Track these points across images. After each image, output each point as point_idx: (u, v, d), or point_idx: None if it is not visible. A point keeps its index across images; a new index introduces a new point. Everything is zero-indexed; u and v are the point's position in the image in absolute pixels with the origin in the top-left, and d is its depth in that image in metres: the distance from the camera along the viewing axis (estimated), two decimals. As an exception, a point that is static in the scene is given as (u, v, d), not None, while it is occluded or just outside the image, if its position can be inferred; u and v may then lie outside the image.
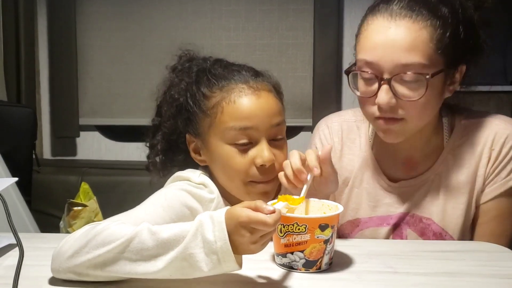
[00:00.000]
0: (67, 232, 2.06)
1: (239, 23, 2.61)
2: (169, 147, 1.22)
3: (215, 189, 1.14)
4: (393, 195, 1.26)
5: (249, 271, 0.96)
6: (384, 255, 1.08)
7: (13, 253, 1.08)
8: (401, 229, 1.25)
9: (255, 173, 1.10)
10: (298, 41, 2.60)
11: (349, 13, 2.52)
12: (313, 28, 2.53)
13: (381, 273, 0.99)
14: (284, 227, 0.96)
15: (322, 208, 1.05)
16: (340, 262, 1.03)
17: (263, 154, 1.09)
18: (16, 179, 1.24)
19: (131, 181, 2.34)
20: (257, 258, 0.90)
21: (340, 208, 1.01)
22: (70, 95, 2.60)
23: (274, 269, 0.99)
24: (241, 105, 1.10)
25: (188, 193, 1.11)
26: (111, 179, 2.44)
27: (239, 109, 1.10)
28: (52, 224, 2.24)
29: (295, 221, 0.95)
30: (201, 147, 1.16)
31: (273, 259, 1.02)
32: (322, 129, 1.34)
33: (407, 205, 1.24)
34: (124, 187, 2.38)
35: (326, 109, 2.34)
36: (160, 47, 2.59)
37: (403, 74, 1.07)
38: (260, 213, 0.84)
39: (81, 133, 2.68)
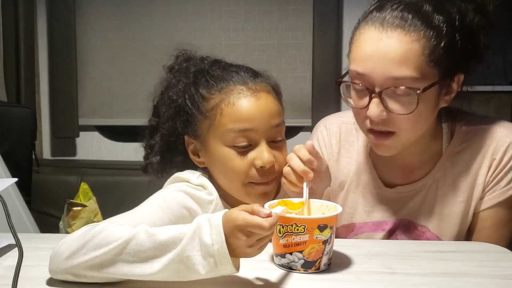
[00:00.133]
0: (67, 232, 2.05)
1: (238, 23, 2.61)
2: (168, 149, 1.21)
3: (214, 191, 1.13)
4: (389, 200, 1.24)
5: (248, 272, 0.96)
6: (383, 256, 1.08)
7: (12, 253, 1.08)
8: (396, 236, 1.24)
9: (255, 174, 1.10)
10: (297, 41, 2.60)
11: (349, 13, 2.51)
12: (313, 28, 2.53)
13: (380, 273, 0.99)
14: (283, 227, 0.96)
15: (321, 208, 1.05)
16: (339, 262, 1.03)
17: (263, 156, 1.09)
18: (15, 179, 1.24)
19: (131, 182, 2.33)
20: (256, 258, 0.90)
21: (339, 208, 1.01)
22: (69, 95, 2.60)
23: (273, 269, 0.99)
24: (240, 107, 1.09)
25: (187, 195, 1.11)
26: (111, 179, 2.44)
27: (238, 111, 1.09)
28: (51, 224, 2.24)
29: (294, 222, 0.95)
30: (200, 149, 1.16)
31: (272, 260, 1.02)
32: (320, 130, 1.33)
33: (403, 211, 1.23)
34: (123, 187, 2.37)
35: (325, 109, 2.34)
36: (159, 47, 2.59)
37: (394, 88, 1.04)
38: (256, 217, 0.84)
39: (81, 133, 2.68)
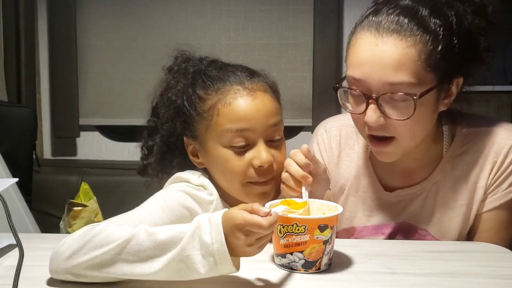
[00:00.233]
0: (67, 232, 2.06)
1: (239, 23, 2.60)
2: (168, 149, 1.21)
3: (214, 191, 1.13)
4: (389, 204, 1.24)
5: (248, 272, 0.96)
6: (383, 256, 1.08)
7: (13, 253, 1.08)
8: (396, 239, 1.24)
9: (253, 174, 1.09)
10: (298, 41, 2.59)
11: (349, 13, 2.51)
12: (313, 28, 2.52)
13: (380, 273, 0.99)
14: (283, 227, 0.96)
15: (321, 208, 1.05)
16: (339, 262, 1.03)
17: (261, 155, 1.08)
18: (16, 179, 1.24)
19: (131, 181, 2.32)
20: (256, 258, 0.90)
21: (339, 208, 1.01)
22: (70, 95, 2.60)
23: (273, 269, 1.00)
24: (236, 107, 1.09)
25: (187, 195, 1.11)
26: (111, 179, 2.44)
27: (235, 110, 1.09)
28: (52, 224, 2.25)
29: (295, 222, 0.95)
30: (199, 149, 1.16)
31: (273, 260, 1.03)
32: (320, 134, 1.32)
33: (403, 214, 1.23)
34: (124, 187, 2.37)
35: (325, 109, 2.35)
36: (160, 47, 2.59)
37: (390, 93, 1.03)
38: (255, 216, 0.84)
39: (81, 133, 2.68)
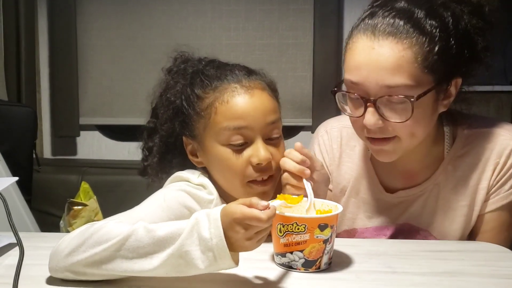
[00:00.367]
0: (67, 231, 2.06)
1: (239, 23, 2.60)
2: (167, 150, 1.21)
3: (214, 190, 1.13)
4: (390, 205, 1.24)
5: (248, 271, 0.96)
6: (383, 255, 1.08)
7: (13, 252, 1.08)
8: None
9: (252, 172, 1.10)
10: (298, 41, 2.60)
11: (349, 13, 2.51)
12: (313, 28, 2.52)
13: (380, 272, 0.99)
14: (283, 226, 0.96)
15: (321, 208, 1.05)
16: (339, 261, 1.03)
17: (259, 153, 1.08)
18: (16, 178, 1.24)
19: (131, 181, 2.33)
20: (256, 258, 0.90)
21: (339, 208, 1.01)
22: (70, 94, 2.60)
23: (273, 268, 0.99)
24: (234, 105, 1.09)
25: (187, 194, 1.11)
26: (111, 179, 2.45)
27: (233, 108, 1.09)
28: (52, 223, 2.25)
29: (295, 221, 0.95)
30: (198, 149, 1.16)
31: (273, 259, 1.02)
32: (321, 135, 1.32)
33: (404, 216, 1.23)
34: (124, 186, 2.37)
35: (325, 109, 2.35)
36: (160, 46, 2.59)
37: (388, 96, 1.04)
38: (254, 209, 0.85)
39: (81, 133, 2.68)
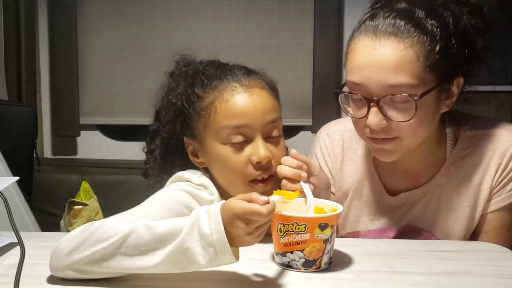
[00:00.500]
0: (68, 231, 2.06)
1: (239, 22, 2.61)
2: (168, 151, 1.22)
3: (215, 191, 1.13)
4: (392, 208, 1.24)
5: (248, 270, 0.96)
6: (383, 255, 1.08)
7: (14, 251, 1.09)
8: None
9: (252, 171, 1.10)
10: (298, 41, 2.60)
11: (349, 13, 2.51)
12: (313, 28, 2.53)
13: (381, 272, 0.99)
14: (284, 226, 0.96)
15: (322, 208, 1.05)
16: (339, 261, 1.03)
17: (259, 151, 1.08)
18: (17, 178, 1.25)
19: (132, 180, 2.33)
20: (256, 257, 0.90)
21: (339, 208, 1.01)
22: (70, 94, 2.60)
23: (273, 268, 1.00)
24: (234, 103, 1.10)
25: (188, 194, 1.11)
26: (112, 178, 2.45)
27: (232, 107, 1.10)
28: (52, 223, 2.24)
29: (295, 221, 0.95)
30: (198, 149, 1.16)
31: (273, 259, 1.02)
32: (323, 138, 1.32)
33: (407, 217, 1.23)
34: (124, 186, 2.37)
35: (326, 109, 2.35)
36: (160, 46, 2.60)
37: (391, 95, 1.04)
38: (254, 204, 0.85)
39: (82, 132, 2.68)
